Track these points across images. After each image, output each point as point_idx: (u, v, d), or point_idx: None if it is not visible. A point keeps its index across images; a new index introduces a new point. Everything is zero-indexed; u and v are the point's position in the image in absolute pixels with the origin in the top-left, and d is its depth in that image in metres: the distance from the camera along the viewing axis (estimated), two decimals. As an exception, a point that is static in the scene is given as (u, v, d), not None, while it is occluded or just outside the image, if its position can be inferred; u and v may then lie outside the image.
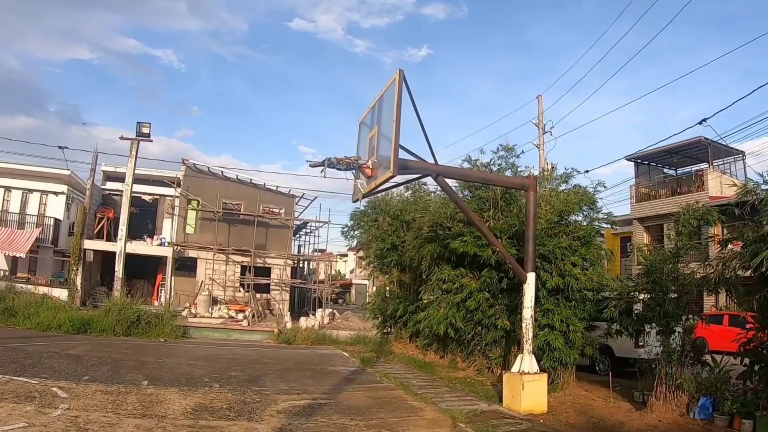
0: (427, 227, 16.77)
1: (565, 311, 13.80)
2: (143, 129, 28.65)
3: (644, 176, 38.35)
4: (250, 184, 39.39)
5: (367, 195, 11.48)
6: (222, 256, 37.08)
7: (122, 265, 28.08)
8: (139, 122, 28.60)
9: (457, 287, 15.45)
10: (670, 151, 35.67)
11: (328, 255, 49.85)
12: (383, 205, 22.50)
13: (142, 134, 28.79)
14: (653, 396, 11.74)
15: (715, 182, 34.40)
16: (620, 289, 13.75)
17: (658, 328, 12.46)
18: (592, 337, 14.73)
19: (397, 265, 21.12)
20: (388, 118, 10.00)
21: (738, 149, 36.30)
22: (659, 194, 36.79)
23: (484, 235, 11.68)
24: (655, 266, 12.27)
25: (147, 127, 28.65)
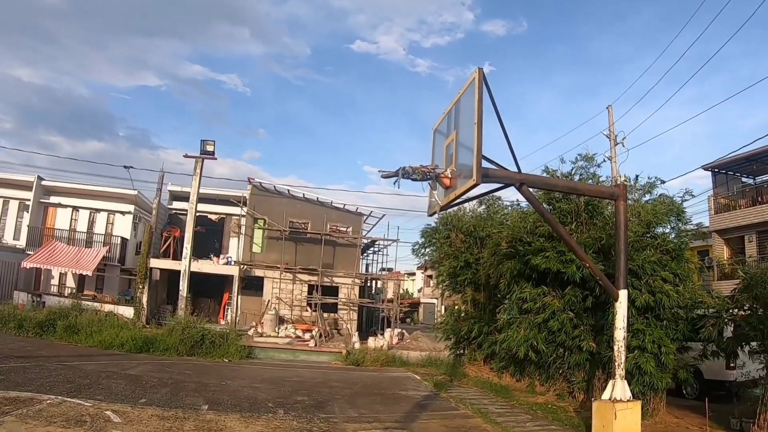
0: (505, 243, 15.87)
1: (656, 331, 12.81)
2: (207, 147, 28.41)
3: (722, 186, 36.54)
4: (317, 202, 39.04)
5: (445, 207, 10.61)
6: (289, 275, 36.70)
7: (187, 283, 27.79)
8: (203, 140, 28.46)
9: (539, 307, 14.50)
10: (750, 159, 33.60)
11: (395, 274, 49.18)
12: (455, 222, 21.64)
13: (207, 152, 28.54)
14: (755, 424, 10.74)
15: None
16: (718, 306, 12.78)
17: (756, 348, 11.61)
18: (685, 360, 13.73)
19: (471, 283, 20.24)
20: (467, 122, 9.24)
21: None
22: (739, 204, 34.71)
23: (572, 249, 10.73)
24: (757, 280, 11.30)
25: (211, 145, 28.40)
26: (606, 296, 12.82)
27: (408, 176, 9.74)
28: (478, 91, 8.74)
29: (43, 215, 37.72)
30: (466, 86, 9.34)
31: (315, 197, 39.14)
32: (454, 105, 10.13)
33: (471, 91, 9.04)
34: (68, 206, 37.93)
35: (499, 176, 9.67)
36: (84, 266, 32.94)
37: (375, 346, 26.39)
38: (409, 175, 9.74)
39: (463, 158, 9.29)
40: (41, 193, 37.37)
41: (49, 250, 33.41)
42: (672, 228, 15.01)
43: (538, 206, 10.59)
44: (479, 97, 8.70)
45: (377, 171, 10.14)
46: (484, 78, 8.84)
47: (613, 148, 26.95)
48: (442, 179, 9.71)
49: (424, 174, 9.72)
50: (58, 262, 32.84)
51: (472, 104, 8.84)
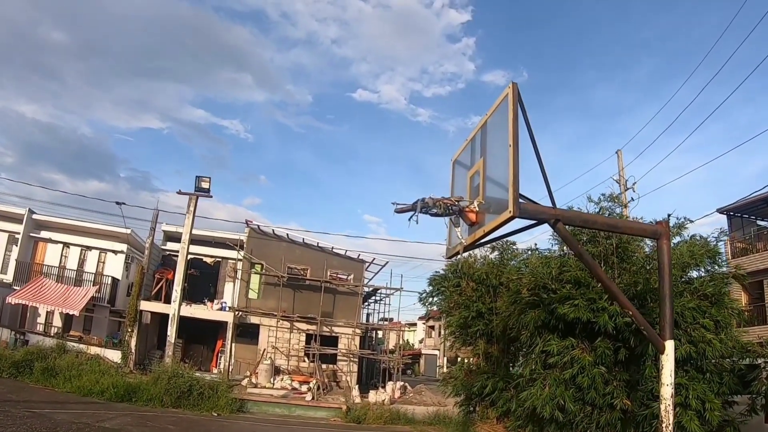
0: (527, 290, 14.63)
1: (699, 385, 11.63)
2: (202, 184, 27.25)
3: (738, 230, 35.79)
4: (317, 248, 38.09)
5: (470, 247, 9.29)
6: (286, 323, 35.56)
7: (175, 328, 26.50)
8: (198, 176, 27.24)
9: (567, 361, 13.22)
10: (767, 200, 32.98)
11: (396, 324, 47.99)
12: (466, 269, 20.43)
13: (202, 189, 27.36)
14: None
15: None
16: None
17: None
18: (731, 416, 12.53)
19: (484, 335, 18.99)
20: (498, 146, 8.09)
21: None
22: (757, 248, 34.17)
23: (613, 295, 9.50)
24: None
25: (207, 182, 27.25)
26: (642, 348, 11.87)
27: (427, 210, 8.50)
28: (512, 107, 7.64)
29: (33, 250, 36.81)
30: (497, 104, 8.25)
31: (315, 242, 38.26)
32: (480, 129, 9.01)
33: (503, 110, 7.93)
34: (59, 242, 37.08)
35: (532, 211, 8.43)
36: (72, 305, 31.82)
37: (376, 401, 25.21)
38: (429, 209, 8.49)
39: (492, 189, 8.13)
40: (32, 227, 36.56)
41: (36, 287, 32.45)
42: (706, 271, 13.94)
43: (576, 246, 9.37)
44: (514, 115, 7.59)
45: (391, 203, 8.76)
46: (518, 94, 7.76)
47: (624, 193, 26.05)
48: (466, 214, 8.48)
49: (447, 207, 8.48)
50: (45, 299, 31.78)
51: (505, 124, 7.71)
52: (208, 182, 27.22)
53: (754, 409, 12.21)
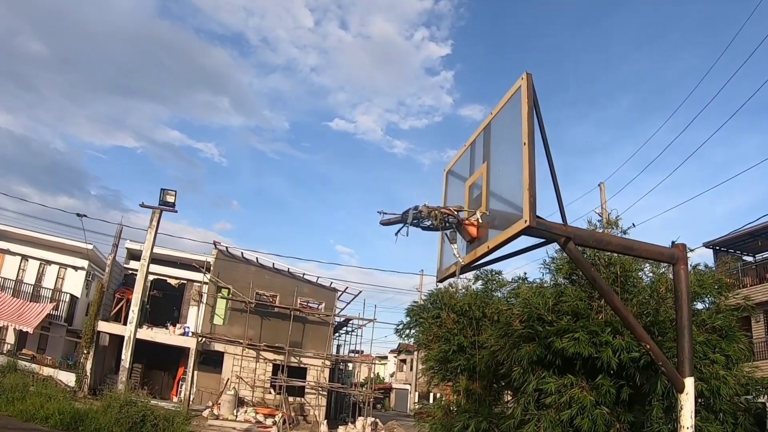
0: (519, 322, 13.59)
1: (713, 427, 10.65)
2: (167, 197, 25.91)
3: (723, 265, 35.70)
4: (287, 274, 37.21)
5: (468, 268, 8.11)
6: (252, 352, 34.47)
7: (131, 352, 25.09)
8: (163, 189, 25.93)
9: (565, 401, 12.17)
10: (754, 234, 33.49)
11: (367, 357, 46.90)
12: (447, 299, 19.36)
13: (166, 203, 26.02)
14: None
15: None
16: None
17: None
18: None
19: (465, 370, 17.89)
20: (506, 148, 7.10)
21: None
22: (744, 283, 34.14)
23: (630, 327, 8.42)
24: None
25: (172, 196, 25.94)
26: (648, 386, 10.85)
27: (419, 222, 7.36)
28: (527, 100, 6.67)
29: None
30: (506, 100, 7.27)
31: (285, 268, 37.30)
32: (481, 131, 7.98)
33: (513, 106, 6.97)
34: (17, 254, 35.67)
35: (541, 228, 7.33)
36: (26, 322, 30.46)
37: (346, 437, 24.06)
38: (421, 221, 7.36)
39: (497, 199, 7.06)
40: (-12, 236, 35.10)
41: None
42: (711, 303, 13.08)
43: (589, 270, 8.31)
44: (529, 108, 6.62)
45: (377, 212, 7.54)
46: (533, 86, 6.77)
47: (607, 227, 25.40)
48: (466, 228, 7.33)
49: (444, 219, 7.37)
50: (-1, 313, 30.14)
51: (516, 121, 6.75)
52: (173, 196, 25.93)
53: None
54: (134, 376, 30.21)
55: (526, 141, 6.45)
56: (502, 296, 18.23)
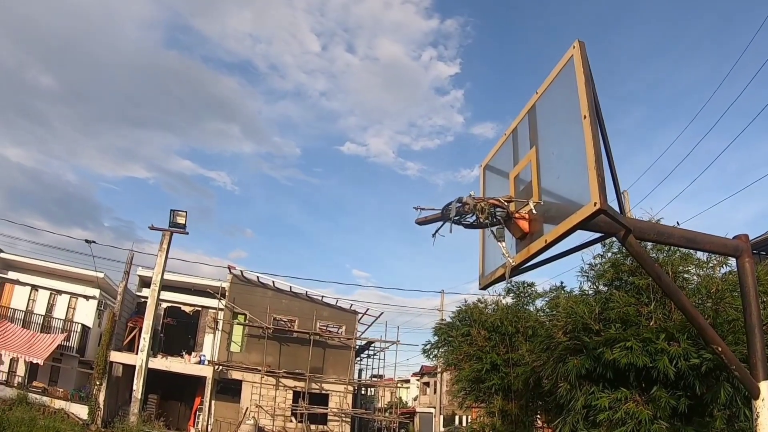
0: (562, 333, 12.82)
1: None
2: (178, 218, 25.26)
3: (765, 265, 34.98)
4: (305, 297, 36.61)
5: (519, 270, 7.33)
6: (271, 380, 33.80)
7: (143, 382, 24.38)
8: (173, 210, 25.32)
9: (619, 417, 11.35)
10: None
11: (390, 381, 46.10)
12: (476, 315, 18.72)
13: (177, 225, 25.37)
14: None
15: None
16: None
17: None
18: None
19: (500, 390, 17.17)
20: (560, 125, 6.40)
21: None
22: None
23: (701, 329, 7.64)
24: None
25: (182, 217, 25.28)
26: (710, 395, 10.10)
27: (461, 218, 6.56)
28: (582, 69, 6.02)
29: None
30: (555, 74, 6.59)
31: (303, 291, 36.63)
32: (525, 115, 7.25)
33: (565, 79, 6.31)
34: (27, 284, 35.12)
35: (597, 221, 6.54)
36: (36, 353, 29.82)
37: (373, 465, 23.36)
38: (463, 216, 6.55)
39: (552, 186, 6.28)
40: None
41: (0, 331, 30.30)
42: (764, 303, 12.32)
43: (653, 266, 7.56)
44: (586, 79, 5.94)
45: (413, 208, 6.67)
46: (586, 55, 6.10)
47: None
48: (516, 223, 6.54)
49: (490, 213, 6.55)
50: (8, 345, 29.83)
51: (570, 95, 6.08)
52: (184, 217, 25.29)
53: None
54: (149, 407, 29.70)
55: (587, 114, 5.77)
56: (536, 309, 17.60)
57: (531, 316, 17.04)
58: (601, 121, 6.29)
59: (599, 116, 6.21)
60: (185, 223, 25.54)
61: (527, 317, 17.15)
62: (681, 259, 12.68)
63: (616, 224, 6.33)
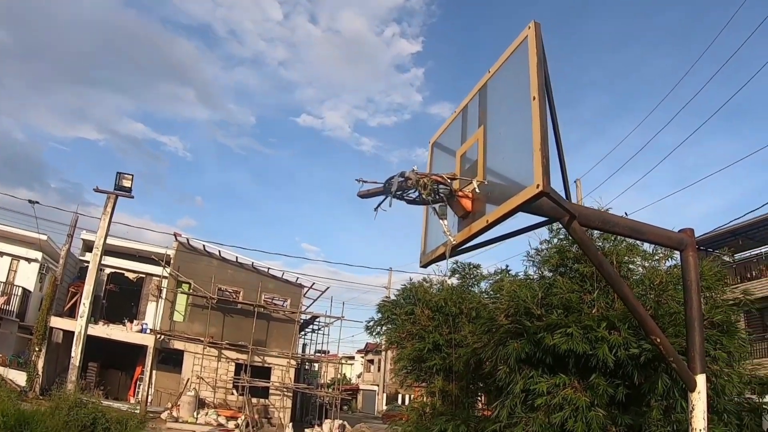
0: (504, 317, 12.73)
1: (718, 429, 9.98)
2: (124, 182, 24.58)
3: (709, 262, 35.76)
4: (251, 268, 36.22)
5: (459, 249, 7.15)
6: (214, 351, 33.42)
7: (81, 349, 23.80)
8: (119, 172, 24.55)
9: (557, 403, 11.31)
10: (734, 233, 34.43)
11: (334, 357, 46.02)
12: (421, 294, 18.57)
13: (122, 188, 24.67)
14: None
15: None
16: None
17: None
18: None
19: (441, 371, 17.07)
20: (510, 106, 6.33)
21: None
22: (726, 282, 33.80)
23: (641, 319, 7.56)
24: None
25: (128, 180, 24.60)
26: (647, 386, 10.25)
27: (403, 193, 6.36)
28: (536, 50, 5.91)
29: (-63, 252, 34.01)
30: (509, 54, 6.46)
31: (250, 262, 36.24)
32: (476, 93, 7.11)
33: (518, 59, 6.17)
34: (-34, 245, 34.22)
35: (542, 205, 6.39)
36: (-27, 317, 29.04)
37: (312, 441, 23.20)
38: (406, 192, 6.37)
39: (497, 167, 6.15)
40: (-63, 226, 33.75)
41: (-64, 294, 29.74)
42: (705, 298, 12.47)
43: (596, 254, 7.48)
44: (539, 60, 5.83)
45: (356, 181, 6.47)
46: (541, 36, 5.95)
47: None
48: (459, 201, 6.37)
49: (435, 188, 6.38)
50: (-55, 309, 29.05)
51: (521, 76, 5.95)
52: (130, 180, 24.63)
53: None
54: (89, 376, 29.24)
55: (536, 95, 5.67)
56: (480, 291, 17.53)
57: (475, 298, 16.98)
58: (552, 104, 6.19)
59: (550, 99, 6.10)
60: (131, 187, 24.87)
61: (471, 299, 17.08)
62: (627, 250, 12.71)
63: (561, 209, 6.23)
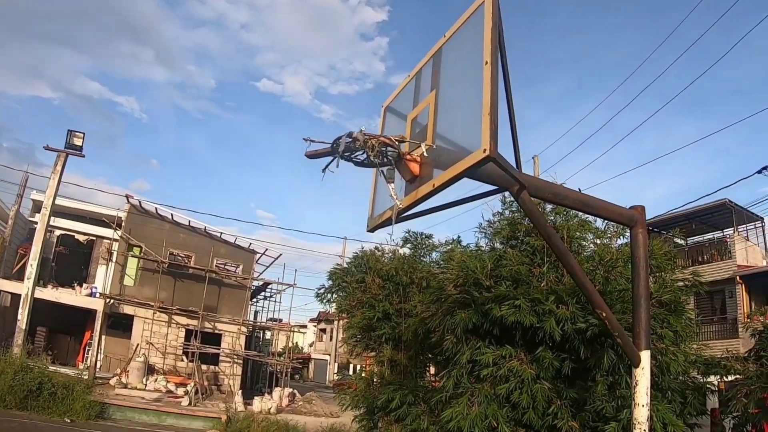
0: (453, 287, 12.64)
1: (661, 406, 10.04)
2: (75, 140, 24.12)
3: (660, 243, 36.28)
4: (204, 233, 35.80)
5: (407, 214, 7.03)
6: (164, 316, 33.07)
7: (28, 312, 23.50)
8: (70, 130, 24.13)
9: (502, 374, 11.26)
10: (688, 216, 35.01)
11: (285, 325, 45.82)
12: (372, 262, 18.44)
13: (74, 146, 24.23)
14: None
15: (742, 250, 34.54)
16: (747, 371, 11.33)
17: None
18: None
19: (390, 340, 16.99)
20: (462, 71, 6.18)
21: (758, 215, 36.37)
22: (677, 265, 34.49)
23: (588, 293, 7.52)
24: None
25: (80, 138, 24.14)
26: (593, 361, 10.38)
27: (351, 154, 6.22)
28: (491, 15, 5.87)
29: None
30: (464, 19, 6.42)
31: (202, 226, 35.73)
32: (430, 58, 7.02)
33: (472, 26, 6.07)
34: None
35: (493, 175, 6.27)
36: None
37: (262, 409, 23.31)
38: (354, 153, 6.23)
39: (446, 131, 6.06)
40: None
41: None
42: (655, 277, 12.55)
43: (545, 226, 7.41)
44: (493, 25, 5.77)
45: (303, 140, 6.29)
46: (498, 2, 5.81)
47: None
48: (407, 164, 6.25)
49: (383, 150, 6.23)
50: None
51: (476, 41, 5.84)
52: (81, 138, 24.14)
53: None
54: (37, 341, 28.73)
55: (489, 60, 5.59)
56: (432, 261, 17.48)
57: (426, 268, 16.92)
58: (506, 71, 6.13)
59: (504, 65, 6.03)
60: (82, 146, 24.36)
61: (422, 269, 17.03)
62: (579, 225, 12.73)
63: (510, 178, 6.12)
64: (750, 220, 36.55)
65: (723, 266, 33.78)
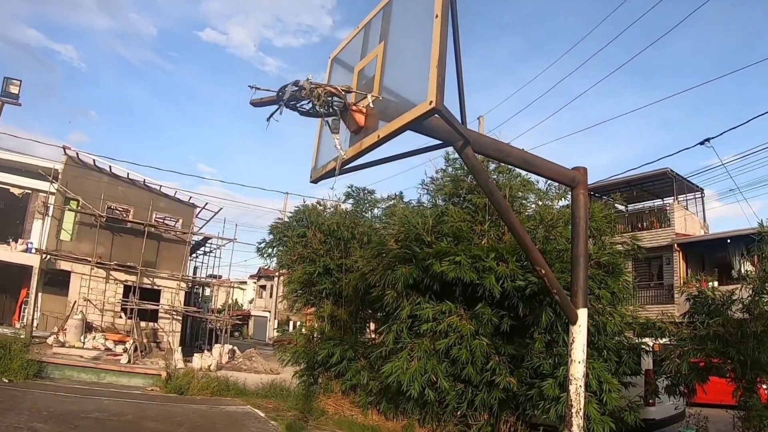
0: (395, 242, 12.61)
1: (597, 364, 10.28)
2: (11, 88, 23.36)
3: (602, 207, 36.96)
4: (143, 186, 34.98)
5: (351, 166, 6.96)
6: (101, 272, 32.30)
7: (-40, 269, 22.91)
8: (6, 78, 23.31)
9: (442, 330, 11.29)
10: (630, 183, 35.80)
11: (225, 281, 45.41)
12: (314, 217, 18.39)
13: (9, 94, 23.47)
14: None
15: (681, 218, 35.81)
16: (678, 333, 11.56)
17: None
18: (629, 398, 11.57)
19: (331, 295, 17.01)
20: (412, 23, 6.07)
21: (698, 186, 37.54)
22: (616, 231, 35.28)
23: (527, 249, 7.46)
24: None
25: (16, 86, 23.39)
26: (532, 318, 10.84)
27: (296, 103, 6.13)
28: None
29: None
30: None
31: (141, 179, 34.91)
32: (380, 9, 6.84)
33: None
34: None
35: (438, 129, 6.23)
36: None
37: (202, 366, 23.16)
38: (300, 102, 6.13)
39: (394, 84, 5.95)
40: None
41: None
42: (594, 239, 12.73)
43: (487, 181, 7.35)
44: None
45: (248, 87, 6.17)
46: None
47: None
48: (353, 115, 6.16)
49: (328, 100, 6.13)
50: None
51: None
52: (18, 86, 23.40)
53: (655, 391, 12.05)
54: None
55: (439, 13, 5.54)
56: (374, 217, 17.47)
57: (367, 223, 16.90)
58: (456, 26, 6.08)
59: (454, 20, 5.98)
60: (18, 93, 23.62)
61: (364, 224, 17.03)
62: (521, 185, 12.84)
63: (455, 133, 6.08)
64: (690, 190, 37.65)
65: (662, 233, 34.90)
